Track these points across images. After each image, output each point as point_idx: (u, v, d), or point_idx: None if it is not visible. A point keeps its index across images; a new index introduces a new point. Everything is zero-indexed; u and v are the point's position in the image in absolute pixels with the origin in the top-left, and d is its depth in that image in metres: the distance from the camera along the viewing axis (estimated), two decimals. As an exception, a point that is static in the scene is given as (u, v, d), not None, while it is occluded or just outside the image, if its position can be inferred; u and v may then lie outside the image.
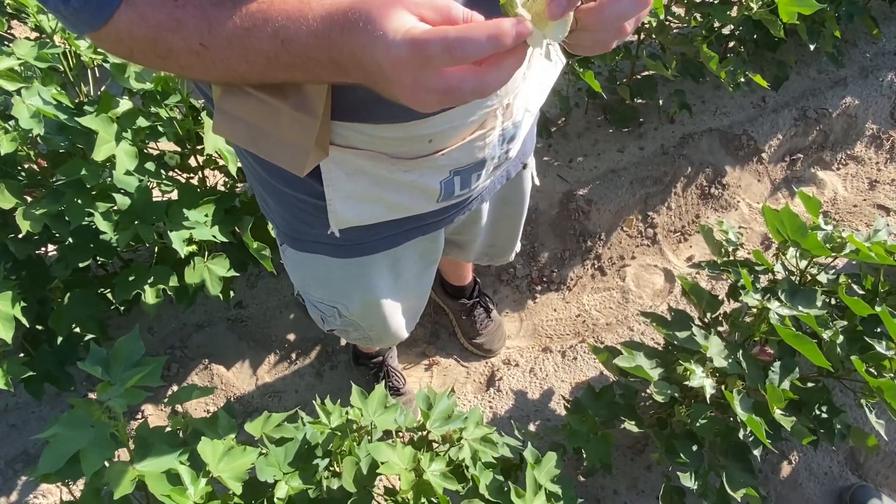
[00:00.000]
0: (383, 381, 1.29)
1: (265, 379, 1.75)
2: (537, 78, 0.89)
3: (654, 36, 1.90)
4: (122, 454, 0.95)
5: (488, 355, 1.83)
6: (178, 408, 1.69)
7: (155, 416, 1.66)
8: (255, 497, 0.95)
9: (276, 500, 0.91)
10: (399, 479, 0.96)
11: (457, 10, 0.47)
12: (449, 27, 0.45)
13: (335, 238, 0.90)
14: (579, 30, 0.49)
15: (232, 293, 1.61)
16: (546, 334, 1.89)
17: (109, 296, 1.47)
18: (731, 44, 2.22)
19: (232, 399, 1.69)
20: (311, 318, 1.20)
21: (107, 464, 0.91)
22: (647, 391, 1.56)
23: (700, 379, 1.18)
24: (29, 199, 1.30)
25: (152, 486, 0.83)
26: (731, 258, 1.38)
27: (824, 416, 1.31)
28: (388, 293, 1.09)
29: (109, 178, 1.29)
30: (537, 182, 1.21)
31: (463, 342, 1.83)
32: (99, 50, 1.39)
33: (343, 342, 1.81)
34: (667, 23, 1.88)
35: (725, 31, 2.13)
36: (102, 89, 1.53)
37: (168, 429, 0.98)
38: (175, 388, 1.71)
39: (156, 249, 1.43)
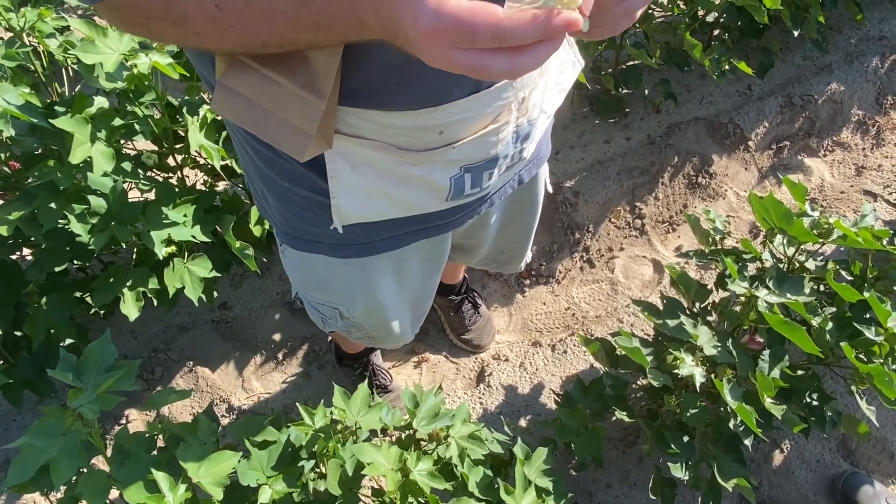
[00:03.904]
0: (367, 381, 1.26)
1: (251, 380, 1.72)
2: (554, 79, 0.86)
3: (637, 25, 1.88)
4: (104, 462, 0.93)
5: (477, 351, 1.81)
6: (166, 412, 1.67)
7: (139, 420, 1.63)
8: (238, 502, 0.93)
9: (258, 504, 0.89)
10: (386, 480, 0.94)
11: None
12: (496, 12, 0.43)
13: (337, 237, 0.87)
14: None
15: (215, 294, 1.59)
16: (535, 328, 1.88)
17: (89, 300, 1.44)
18: (716, 32, 2.21)
19: (218, 402, 1.67)
20: (312, 319, 1.17)
21: (84, 471, 0.89)
22: (638, 383, 1.55)
23: (690, 368, 1.16)
24: (1, 202, 1.27)
25: (128, 494, 0.81)
26: (719, 247, 1.37)
27: (815, 403, 1.30)
28: (391, 295, 1.06)
29: (84, 180, 1.26)
30: (550, 190, 1.18)
31: (452, 338, 1.81)
32: (71, 50, 1.36)
33: (330, 340, 1.79)
34: (650, 11, 1.86)
35: (710, 18, 2.11)
36: (77, 89, 1.50)
37: (146, 435, 0.96)
38: (160, 391, 1.68)
39: (135, 251, 1.40)
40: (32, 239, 1.32)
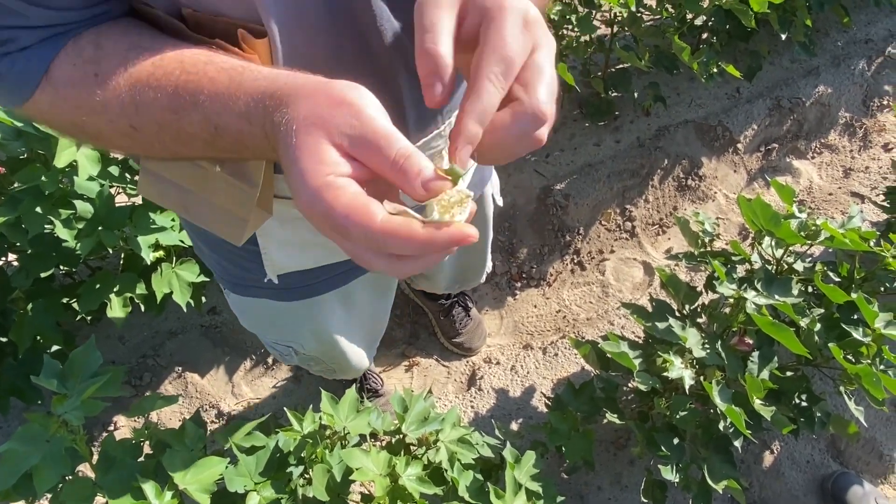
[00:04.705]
0: (355, 385, 1.26)
1: (241, 385, 1.71)
2: None
3: (626, 28, 1.89)
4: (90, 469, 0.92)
5: (469, 354, 1.81)
6: (155, 418, 1.65)
7: (127, 427, 1.62)
8: (225, 508, 0.92)
9: (246, 510, 0.88)
10: (374, 485, 0.94)
11: (388, 150, 0.38)
12: (374, 216, 0.37)
13: (276, 283, 0.86)
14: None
15: (204, 299, 1.58)
16: (527, 331, 1.88)
17: (76, 305, 1.43)
18: (704, 35, 2.22)
19: (207, 407, 1.66)
20: (272, 355, 1.16)
21: (69, 478, 0.88)
22: (628, 385, 1.55)
23: (679, 370, 1.16)
24: (-14, 207, 1.25)
25: (114, 502, 0.80)
26: (708, 249, 1.37)
27: (804, 404, 1.30)
28: (343, 327, 1.05)
29: (70, 185, 1.25)
30: (500, 203, 1.17)
31: (443, 342, 1.81)
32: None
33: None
34: (639, 15, 1.87)
35: (698, 22, 2.12)
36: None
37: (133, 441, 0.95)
38: (149, 397, 1.67)
39: (122, 256, 1.39)
40: (18, 244, 1.31)
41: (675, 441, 1.25)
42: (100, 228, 1.21)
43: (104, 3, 0.50)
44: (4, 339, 1.39)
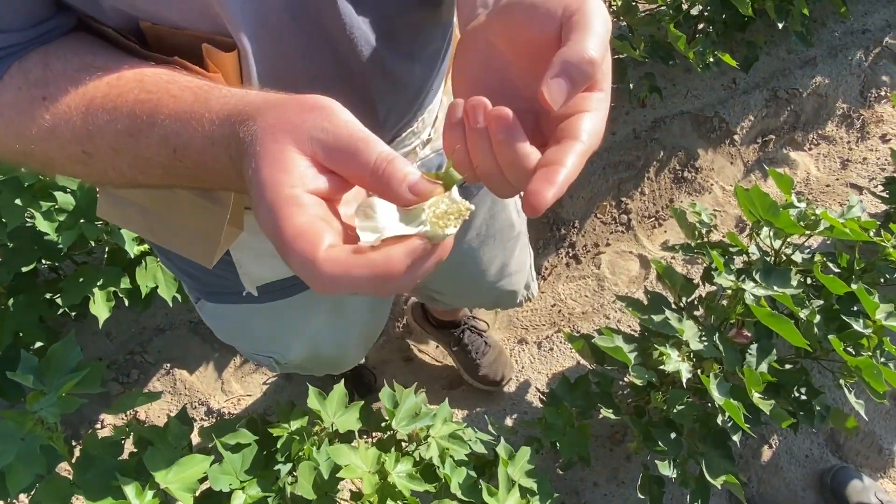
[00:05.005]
0: (351, 380, 1.22)
1: (231, 382, 1.68)
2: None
3: (621, 18, 1.86)
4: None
5: (498, 387, 1.65)
6: (143, 416, 1.62)
7: (114, 424, 1.59)
8: (210, 508, 0.90)
9: (232, 510, 0.86)
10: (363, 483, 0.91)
11: (367, 155, 0.35)
12: (317, 247, 0.33)
13: (255, 295, 0.81)
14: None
15: (192, 294, 1.55)
16: (521, 325, 1.85)
17: (59, 301, 1.40)
18: (700, 25, 2.19)
19: (196, 404, 1.63)
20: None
21: (48, 477, 0.85)
22: (624, 380, 1.53)
23: (675, 363, 1.14)
24: (-35, 200, 1.22)
25: (92, 502, 0.77)
26: (705, 240, 1.35)
27: (803, 398, 1.28)
28: (334, 333, 0.99)
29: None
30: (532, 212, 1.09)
31: (470, 381, 1.66)
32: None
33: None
34: (634, 4, 1.84)
35: (694, 11, 2.10)
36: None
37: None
38: (137, 395, 1.64)
39: (106, 250, 1.36)
40: (-1, 238, 1.28)
41: (673, 436, 1.23)
42: (81, 221, 1.18)
43: (50, 20, 0.46)
44: (-14, 336, 1.36)
